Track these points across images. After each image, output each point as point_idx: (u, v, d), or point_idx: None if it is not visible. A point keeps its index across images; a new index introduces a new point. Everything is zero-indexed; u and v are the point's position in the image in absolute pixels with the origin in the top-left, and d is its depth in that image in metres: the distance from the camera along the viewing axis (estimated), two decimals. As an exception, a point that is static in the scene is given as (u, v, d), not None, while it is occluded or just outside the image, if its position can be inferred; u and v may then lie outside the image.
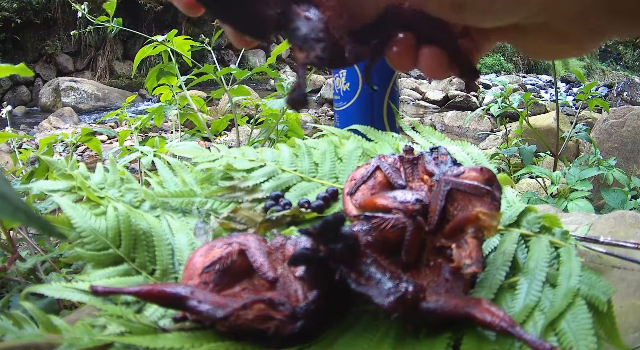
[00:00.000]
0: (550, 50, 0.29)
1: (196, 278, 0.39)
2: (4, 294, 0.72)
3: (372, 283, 0.35)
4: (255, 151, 0.65)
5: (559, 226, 0.43)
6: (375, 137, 0.65)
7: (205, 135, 1.29)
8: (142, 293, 0.37)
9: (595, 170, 1.28)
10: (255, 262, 0.39)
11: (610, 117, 2.29)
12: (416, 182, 0.46)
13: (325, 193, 0.56)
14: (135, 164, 0.99)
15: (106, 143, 3.93)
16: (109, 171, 0.60)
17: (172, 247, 0.48)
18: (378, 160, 0.49)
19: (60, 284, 0.40)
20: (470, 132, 4.81)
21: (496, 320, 0.33)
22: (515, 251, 0.41)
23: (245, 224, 0.53)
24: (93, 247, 0.47)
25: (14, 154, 1.12)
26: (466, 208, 0.38)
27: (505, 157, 1.66)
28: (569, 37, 0.27)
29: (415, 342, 0.35)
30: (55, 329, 0.35)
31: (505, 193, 0.49)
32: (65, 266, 0.79)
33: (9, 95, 6.84)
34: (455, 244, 0.37)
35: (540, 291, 0.37)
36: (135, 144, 1.06)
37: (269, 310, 0.35)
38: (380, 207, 0.42)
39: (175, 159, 0.64)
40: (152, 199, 0.56)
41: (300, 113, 1.33)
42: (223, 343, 0.35)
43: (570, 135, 1.52)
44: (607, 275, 0.48)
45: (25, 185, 0.60)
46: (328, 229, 0.34)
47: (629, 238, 0.52)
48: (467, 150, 0.59)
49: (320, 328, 0.37)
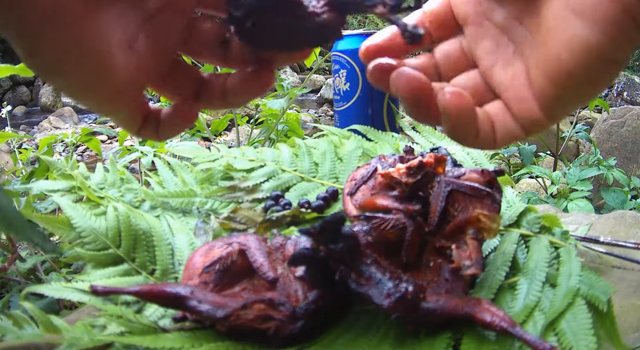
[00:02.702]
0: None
1: (196, 278, 0.39)
2: (4, 294, 0.72)
3: (372, 283, 0.35)
4: (255, 151, 0.65)
5: (559, 226, 0.43)
6: (375, 137, 0.65)
7: (205, 135, 1.29)
8: (142, 293, 0.37)
9: (595, 170, 1.28)
10: (255, 262, 0.39)
11: (610, 117, 2.29)
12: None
13: (325, 193, 0.56)
14: (135, 164, 0.99)
15: (106, 143, 3.93)
16: (109, 171, 0.60)
17: (172, 247, 0.48)
18: (378, 161, 0.49)
19: (60, 284, 0.40)
20: (470, 132, 4.80)
21: (496, 320, 0.33)
22: (515, 251, 0.41)
23: (245, 224, 0.53)
24: (93, 247, 0.47)
25: (14, 154, 1.12)
26: (466, 209, 0.38)
27: (505, 157, 1.66)
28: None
29: (415, 342, 0.35)
30: (55, 329, 0.35)
31: (505, 193, 0.49)
32: (65, 266, 0.79)
33: (9, 95, 6.83)
34: (455, 244, 0.37)
35: (540, 291, 0.37)
36: (135, 144, 1.06)
37: (269, 310, 0.35)
38: (380, 208, 0.42)
39: (175, 159, 0.64)
40: (152, 199, 0.56)
41: (300, 113, 1.33)
42: (223, 343, 0.35)
43: (570, 135, 1.52)
44: (607, 275, 0.47)
45: (25, 185, 0.60)
46: (328, 229, 0.34)
47: (629, 238, 0.52)
48: (467, 150, 0.59)
49: (320, 328, 0.37)
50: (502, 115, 0.29)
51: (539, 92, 0.27)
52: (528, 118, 0.28)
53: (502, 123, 0.29)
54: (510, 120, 0.28)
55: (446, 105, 0.27)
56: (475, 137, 0.28)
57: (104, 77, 0.25)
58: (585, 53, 0.24)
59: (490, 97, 0.30)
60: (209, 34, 0.30)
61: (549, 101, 0.27)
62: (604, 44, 0.23)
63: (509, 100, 0.29)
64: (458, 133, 0.28)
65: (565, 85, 0.25)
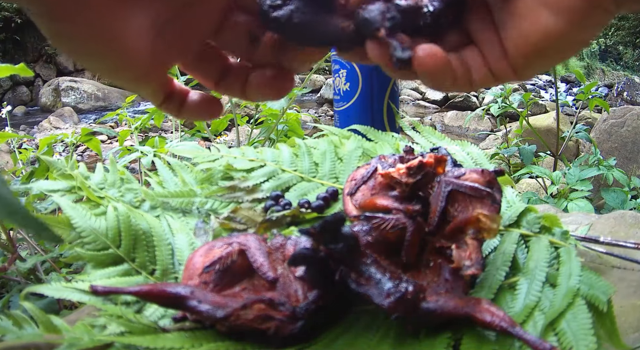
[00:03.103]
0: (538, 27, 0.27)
1: (196, 278, 0.39)
2: (4, 294, 0.72)
3: (372, 283, 0.35)
4: (255, 151, 0.65)
5: (559, 226, 0.43)
6: (375, 137, 0.65)
7: (205, 135, 1.29)
8: (142, 293, 0.37)
9: (595, 170, 1.28)
10: (255, 262, 0.39)
11: (610, 117, 2.29)
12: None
13: (325, 193, 0.56)
14: (135, 164, 0.99)
15: (106, 143, 3.92)
16: (109, 171, 0.60)
17: (172, 247, 0.48)
18: (378, 161, 0.49)
19: (60, 284, 0.40)
20: (470, 132, 4.80)
21: (496, 320, 0.33)
22: (515, 251, 0.41)
23: (245, 224, 0.53)
24: (93, 247, 0.47)
25: (14, 154, 1.12)
26: (466, 209, 0.38)
27: (505, 157, 1.66)
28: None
29: (415, 342, 0.35)
30: (55, 329, 0.35)
31: (505, 193, 0.49)
32: (65, 266, 0.79)
33: (9, 95, 6.83)
34: (455, 244, 0.37)
35: (540, 291, 0.37)
36: (135, 144, 1.06)
37: (269, 310, 0.35)
38: (380, 208, 0.42)
39: (175, 159, 0.64)
40: (152, 199, 0.56)
41: (300, 113, 1.33)
42: (223, 343, 0.35)
43: (570, 135, 1.52)
44: (607, 275, 0.47)
45: (25, 185, 0.60)
46: (328, 229, 0.34)
47: (629, 238, 0.52)
48: (467, 150, 0.59)
49: (320, 328, 0.37)
50: (479, 64, 0.30)
51: (511, 60, 0.29)
52: (502, 74, 0.30)
53: (478, 71, 0.30)
54: (486, 70, 0.30)
55: (421, 67, 0.28)
56: (451, 85, 0.30)
57: (130, 60, 0.26)
58: (553, 38, 0.27)
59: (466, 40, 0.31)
60: (240, 29, 0.30)
61: (520, 68, 0.29)
62: (569, 29, 0.26)
63: (485, 53, 0.30)
64: (435, 85, 0.30)
65: (534, 59, 0.28)
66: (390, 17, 0.28)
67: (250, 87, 0.31)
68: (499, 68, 0.29)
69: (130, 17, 0.25)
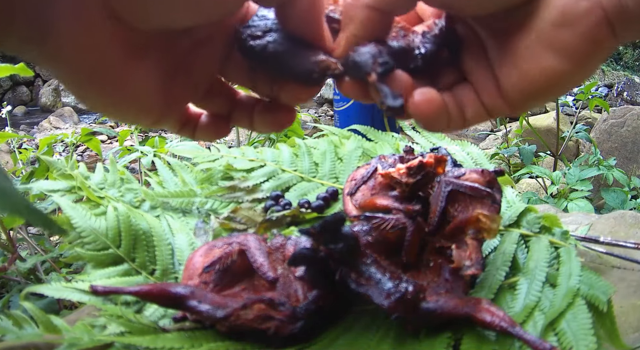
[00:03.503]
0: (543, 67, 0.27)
1: (196, 278, 0.39)
2: (4, 294, 0.72)
3: (372, 283, 0.35)
4: (255, 151, 0.65)
5: (559, 226, 0.43)
6: (375, 137, 0.65)
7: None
8: (142, 293, 0.37)
9: (595, 170, 1.28)
10: (255, 262, 0.39)
11: (610, 117, 2.29)
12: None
13: (325, 193, 0.56)
14: (135, 164, 0.99)
15: (106, 143, 3.92)
16: (109, 171, 0.60)
17: (172, 247, 0.48)
18: (378, 161, 0.49)
19: (60, 284, 0.40)
20: (470, 132, 4.80)
21: (496, 320, 0.33)
22: (515, 251, 0.41)
23: (245, 224, 0.53)
24: (93, 247, 0.47)
25: (14, 154, 1.12)
26: (466, 209, 0.38)
27: (505, 157, 1.66)
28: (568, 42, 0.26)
29: (415, 342, 0.35)
30: (55, 329, 0.36)
31: (505, 193, 0.49)
32: (65, 266, 0.79)
33: (9, 95, 6.83)
34: (455, 244, 0.37)
35: (540, 291, 0.37)
36: (135, 144, 1.06)
37: (269, 310, 0.35)
38: (380, 208, 0.42)
39: (175, 159, 0.64)
40: (152, 199, 0.56)
41: (300, 113, 1.33)
42: (223, 343, 0.35)
43: (570, 135, 1.52)
44: (607, 275, 0.48)
45: (25, 185, 0.60)
46: (328, 229, 0.34)
47: (629, 238, 0.52)
48: (467, 150, 0.59)
49: (320, 328, 0.37)
50: (472, 102, 0.30)
51: (507, 97, 0.28)
52: (496, 109, 0.30)
53: (472, 109, 0.30)
54: (480, 106, 0.30)
55: (417, 112, 0.28)
56: (446, 126, 0.30)
57: (146, 108, 0.28)
58: (556, 78, 0.26)
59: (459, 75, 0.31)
60: (240, 60, 0.31)
61: (516, 104, 0.29)
62: (573, 70, 0.26)
63: (479, 90, 0.30)
64: (429, 127, 0.30)
65: (532, 96, 0.28)
66: (382, 62, 0.27)
67: (256, 118, 0.32)
68: (494, 104, 0.29)
69: (140, 77, 0.27)
